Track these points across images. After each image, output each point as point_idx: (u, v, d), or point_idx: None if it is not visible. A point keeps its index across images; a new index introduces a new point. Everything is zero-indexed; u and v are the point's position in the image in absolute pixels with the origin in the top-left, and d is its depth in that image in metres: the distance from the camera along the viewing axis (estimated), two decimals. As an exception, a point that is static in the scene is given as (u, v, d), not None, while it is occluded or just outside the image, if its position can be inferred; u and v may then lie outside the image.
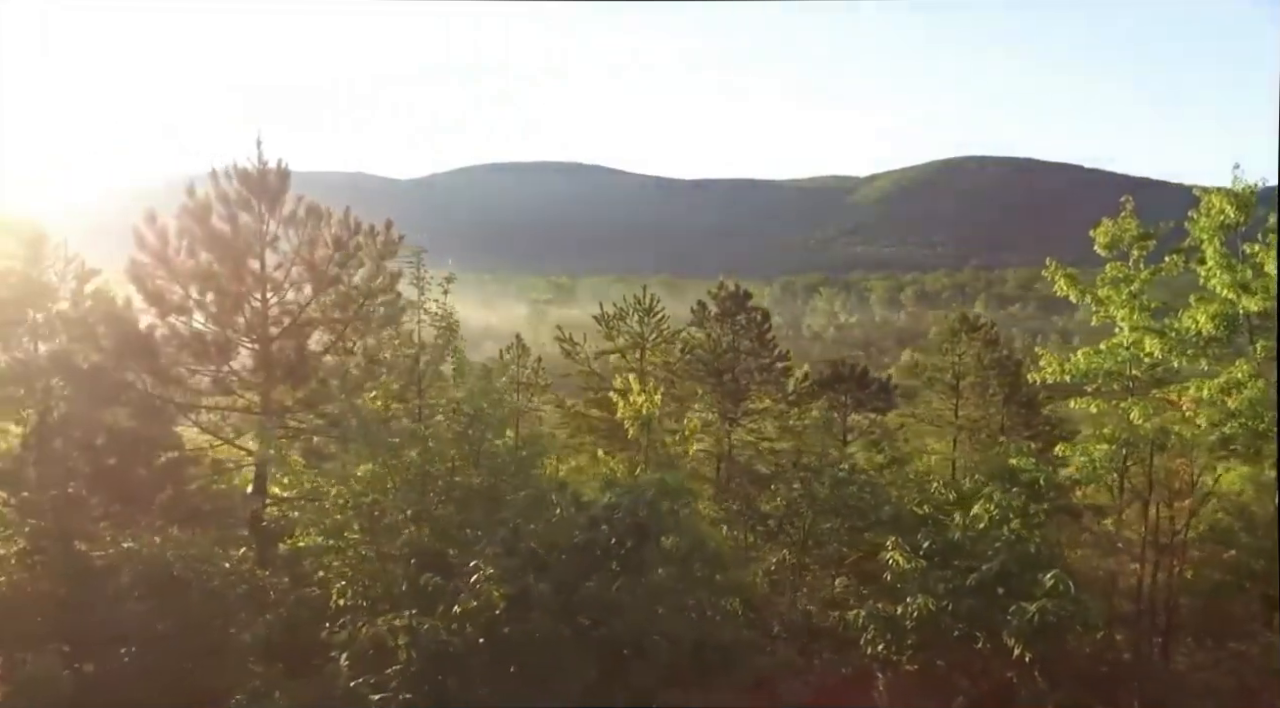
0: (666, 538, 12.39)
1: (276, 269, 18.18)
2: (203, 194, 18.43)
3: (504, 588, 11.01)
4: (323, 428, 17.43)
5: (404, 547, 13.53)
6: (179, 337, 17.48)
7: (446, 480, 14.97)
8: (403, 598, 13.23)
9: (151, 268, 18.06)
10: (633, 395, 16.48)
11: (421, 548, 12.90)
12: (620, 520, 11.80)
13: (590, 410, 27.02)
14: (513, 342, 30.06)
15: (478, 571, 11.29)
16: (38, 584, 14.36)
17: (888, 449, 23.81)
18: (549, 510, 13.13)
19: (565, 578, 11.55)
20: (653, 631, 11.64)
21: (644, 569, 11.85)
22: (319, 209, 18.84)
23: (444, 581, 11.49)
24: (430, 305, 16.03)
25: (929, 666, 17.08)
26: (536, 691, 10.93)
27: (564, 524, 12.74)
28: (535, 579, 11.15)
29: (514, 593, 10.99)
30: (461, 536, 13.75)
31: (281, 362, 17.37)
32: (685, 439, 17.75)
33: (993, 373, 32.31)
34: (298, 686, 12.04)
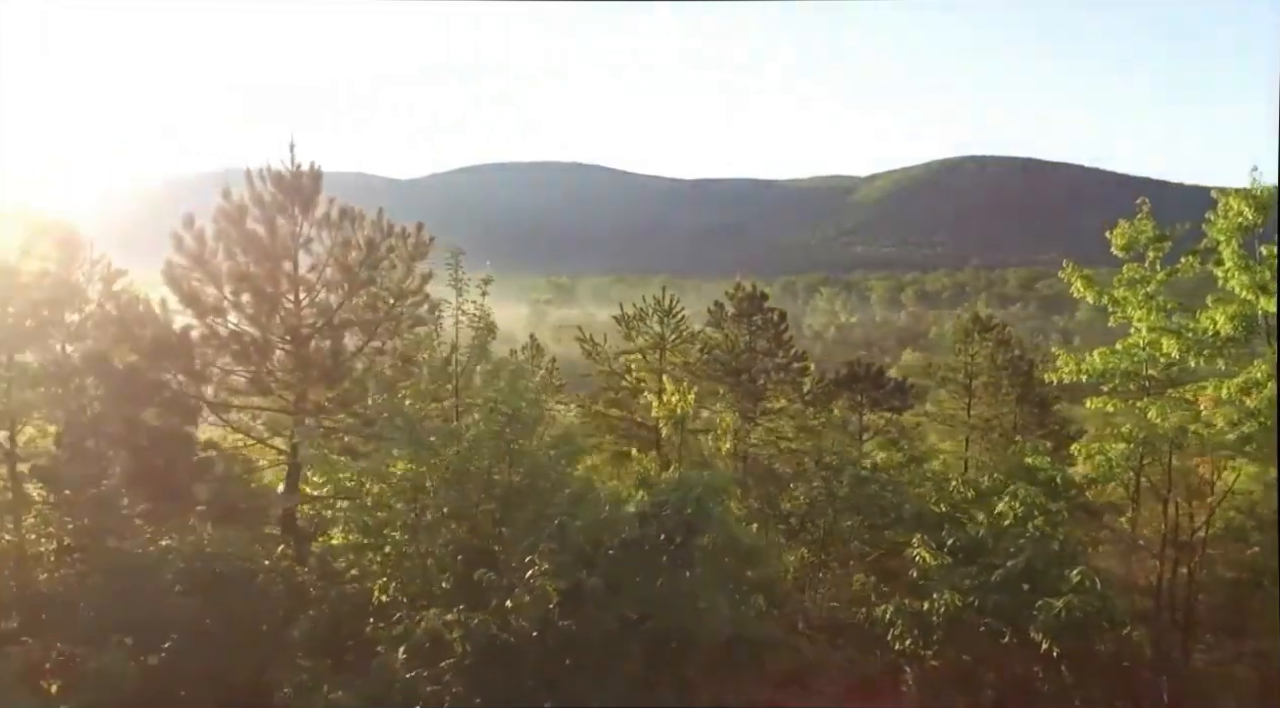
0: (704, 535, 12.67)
1: (310, 271, 18.45)
2: (237, 196, 18.72)
3: (558, 582, 11.28)
4: (356, 427, 17.69)
5: (447, 544, 13.79)
6: (217, 337, 17.75)
7: (485, 479, 15.23)
8: (448, 593, 13.53)
9: (188, 270, 18.33)
10: (666, 395, 16.76)
11: (467, 545, 13.17)
12: (669, 517, 12.10)
13: (610, 410, 27.29)
14: (526, 342, 30.42)
15: (532, 566, 11.56)
16: (85, 580, 14.62)
17: (906, 448, 24.10)
18: (594, 507, 13.39)
19: (615, 573, 11.83)
20: (695, 625, 11.91)
21: (692, 564, 12.14)
22: (351, 211, 19.12)
23: (496, 576, 11.75)
24: (468, 306, 16.29)
25: (955, 661, 17.39)
26: (588, 683, 11.20)
27: (609, 521, 13.00)
28: (587, 574, 11.42)
29: (568, 587, 11.26)
30: (504, 533, 14.01)
31: (317, 362, 17.64)
32: (718, 438, 18.00)
33: (1005, 373, 32.63)
34: (347, 679, 12.27)
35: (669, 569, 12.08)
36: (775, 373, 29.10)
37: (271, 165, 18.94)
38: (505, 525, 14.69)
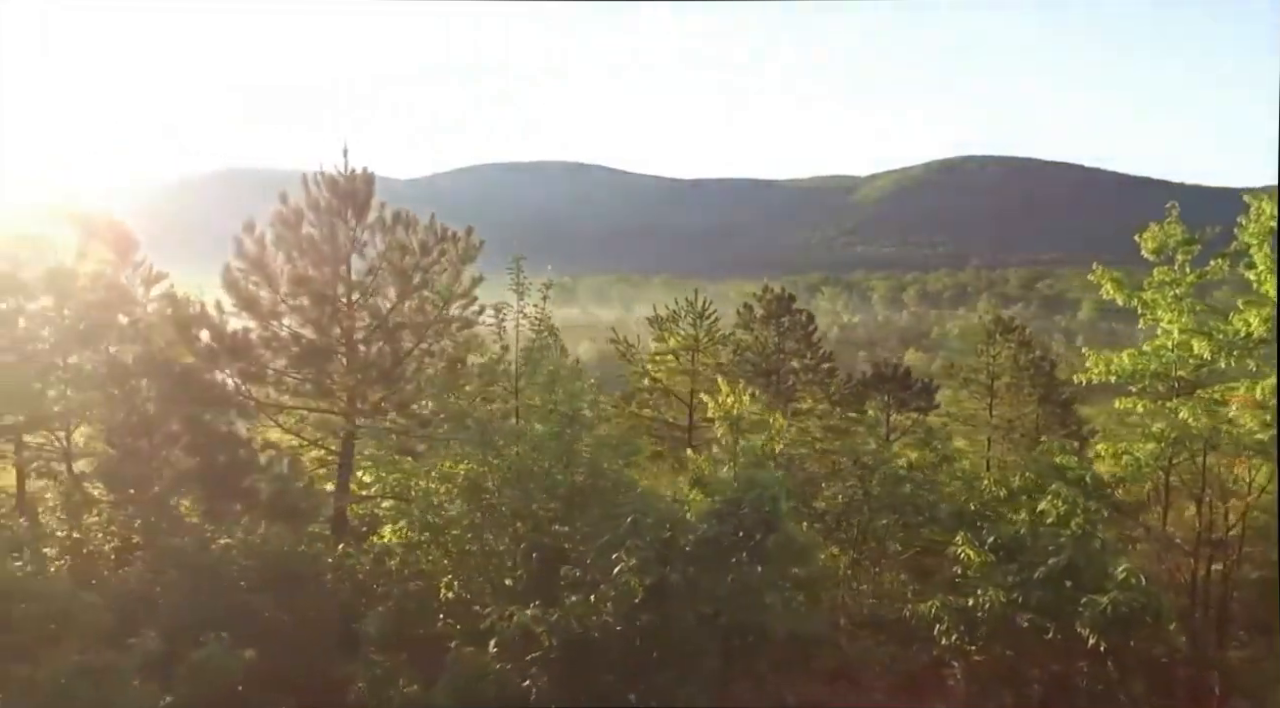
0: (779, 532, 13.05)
1: (367, 274, 18.81)
2: (293, 201, 19.10)
3: (643, 578, 11.66)
4: (412, 428, 18.07)
5: (517, 542, 14.19)
6: (277, 339, 18.10)
7: (547, 478, 15.62)
8: (518, 589, 13.93)
9: (246, 272, 18.69)
10: (721, 396, 17.16)
11: (539, 542, 13.55)
12: (747, 515, 12.48)
13: (642, 411, 27.70)
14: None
15: (619, 562, 11.94)
16: (160, 577, 14.97)
17: (939, 447, 24.44)
18: (665, 506, 13.77)
19: (692, 569, 12.21)
20: (765, 621, 12.30)
21: (766, 561, 12.52)
22: (404, 215, 19.49)
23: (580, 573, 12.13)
24: (529, 309, 16.68)
25: (999, 657, 17.74)
26: (671, 678, 11.58)
27: (679, 518, 13.39)
28: (669, 570, 11.80)
29: (652, 583, 11.63)
30: (573, 530, 14.41)
31: (376, 364, 18.02)
32: (771, 438, 18.39)
33: (1028, 373, 33.06)
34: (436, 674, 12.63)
35: (740, 566, 12.45)
36: (804, 374, 29.54)
37: (325, 170, 19.33)
38: (570, 524, 15.09)
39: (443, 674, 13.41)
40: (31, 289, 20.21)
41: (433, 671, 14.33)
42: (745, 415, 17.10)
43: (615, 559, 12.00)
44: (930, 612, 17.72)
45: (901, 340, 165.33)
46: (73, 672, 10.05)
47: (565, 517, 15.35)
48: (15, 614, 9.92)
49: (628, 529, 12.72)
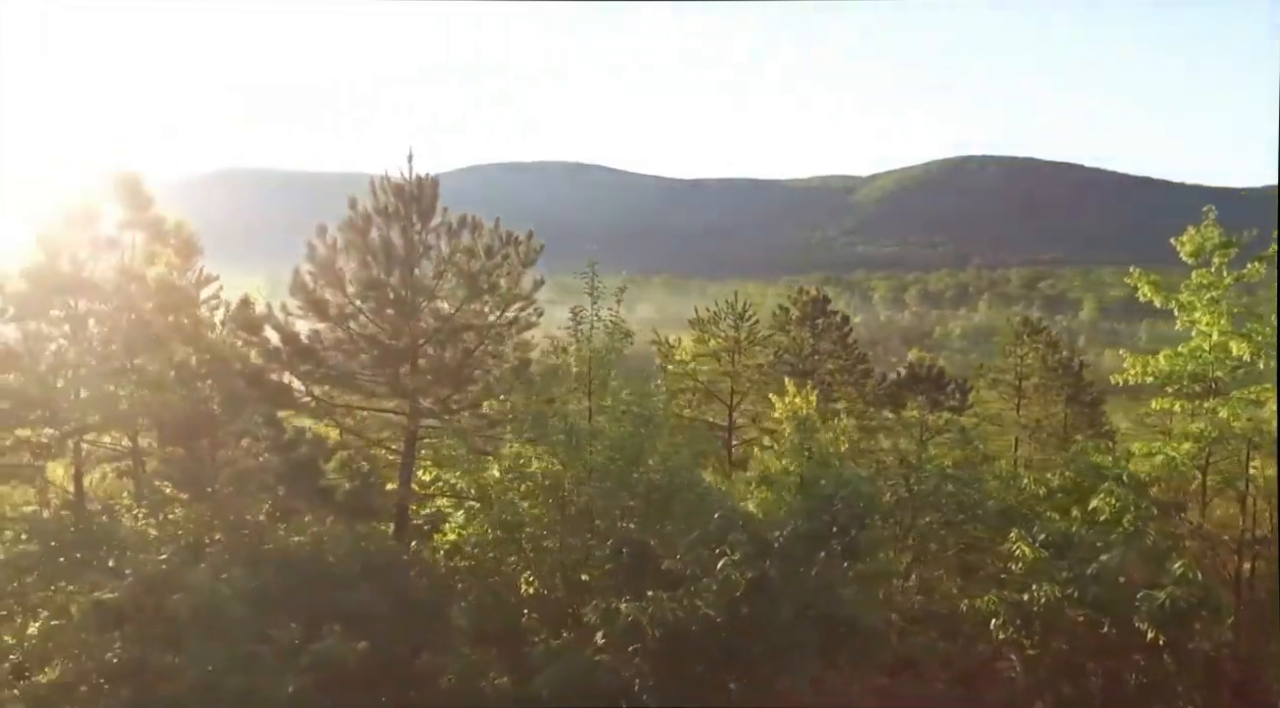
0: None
1: (436, 277, 19.26)
2: (362, 205, 19.56)
3: (745, 571, 12.13)
4: (482, 427, 18.52)
5: (599, 539, 14.69)
6: (351, 341, 18.55)
7: (622, 476, 16.11)
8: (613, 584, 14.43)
9: (315, 275, 19.14)
10: (789, 396, 17.65)
11: (628, 538, 14.02)
12: (841, 511, 12.96)
13: (683, 411, 28.13)
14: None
15: (723, 556, 12.42)
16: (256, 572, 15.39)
17: (981, 447, 24.95)
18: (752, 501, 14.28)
19: (790, 562, 12.69)
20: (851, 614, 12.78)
21: (858, 556, 13.01)
22: (468, 219, 19.97)
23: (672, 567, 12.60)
24: (603, 312, 17.14)
25: (1055, 651, 18.22)
26: (769, 669, 12.06)
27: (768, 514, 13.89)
28: (769, 564, 12.27)
29: (753, 576, 12.10)
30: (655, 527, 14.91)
31: (445, 365, 18.47)
32: (836, 438, 18.88)
33: (1056, 374, 33.57)
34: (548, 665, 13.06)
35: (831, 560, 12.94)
36: (840, 374, 30.03)
37: (391, 176, 19.81)
38: (649, 521, 15.59)
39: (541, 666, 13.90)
40: (104, 291, 20.59)
41: (519, 664, 14.84)
42: (812, 415, 17.56)
43: (719, 553, 12.47)
44: (986, 607, 18.22)
45: (904, 340, 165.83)
46: (222, 661, 10.50)
47: (644, 514, 15.85)
48: (166, 605, 10.35)
49: (719, 525, 13.18)
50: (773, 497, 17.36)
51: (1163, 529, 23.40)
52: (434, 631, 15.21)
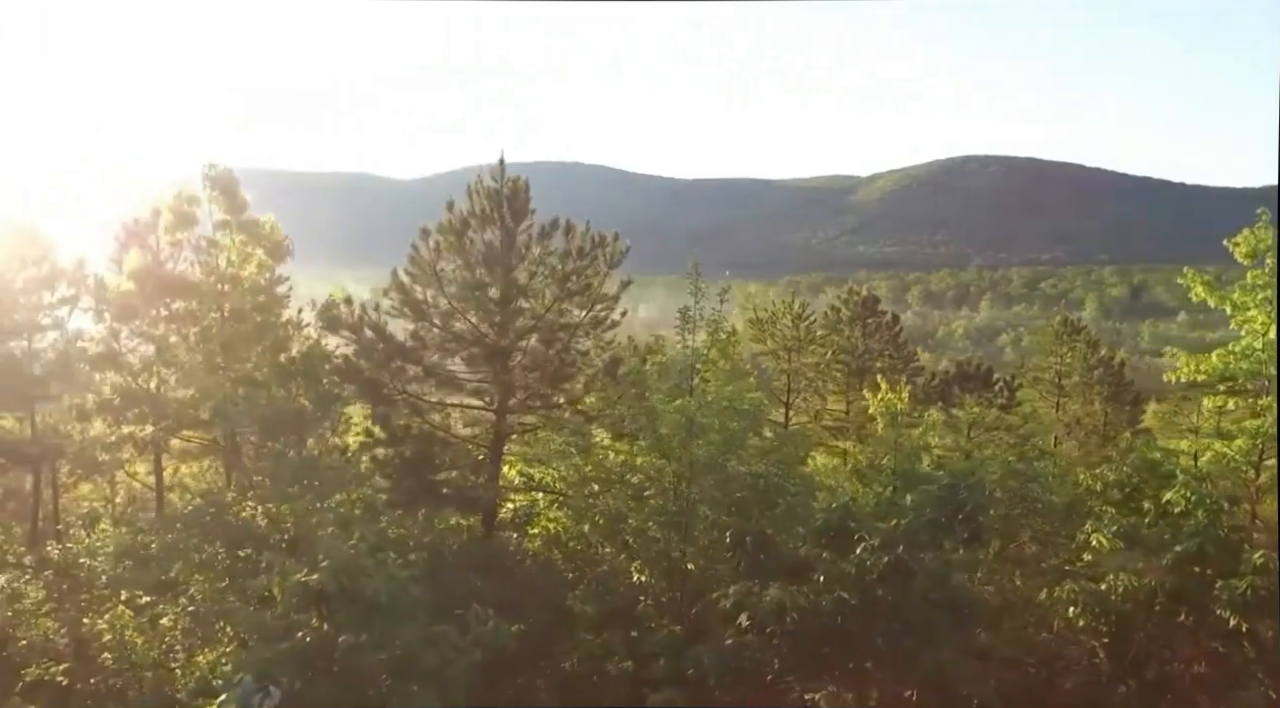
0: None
1: (530, 278, 19.91)
2: (458, 210, 20.21)
3: (880, 556, 12.80)
4: (579, 424, 19.15)
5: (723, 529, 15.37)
6: (456, 340, 19.21)
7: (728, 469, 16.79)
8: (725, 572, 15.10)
9: (416, 277, 19.80)
10: (882, 392, 18.30)
11: (747, 529, 14.67)
12: (966, 498, 13.65)
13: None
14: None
15: (861, 541, 13.10)
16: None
17: (1039, 443, 25.63)
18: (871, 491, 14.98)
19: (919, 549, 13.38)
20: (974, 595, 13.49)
21: (982, 541, 13.71)
22: (560, 222, 20.61)
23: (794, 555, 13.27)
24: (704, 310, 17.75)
25: (1134, 639, 18.89)
26: (904, 649, 12.75)
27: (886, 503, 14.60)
28: (902, 550, 12.94)
29: (889, 560, 12.78)
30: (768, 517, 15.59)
31: (550, 362, 19.13)
32: (924, 433, 19.56)
33: (1097, 372, 34.30)
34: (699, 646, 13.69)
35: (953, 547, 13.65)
36: (891, 374, 30.68)
37: (484, 179, 20.46)
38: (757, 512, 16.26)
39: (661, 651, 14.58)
40: (201, 290, 21.27)
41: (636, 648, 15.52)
42: (904, 411, 18.23)
43: (857, 539, 13.15)
44: (1066, 596, 18.90)
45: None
46: (418, 641, 11.16)
47: (750, 506, 16.52)
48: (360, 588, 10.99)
49: (837, 516, 13.86)
50: (865, 489, 18.02)
51: (1229, 522, 24.17)
52: (556, 617, 15.84)
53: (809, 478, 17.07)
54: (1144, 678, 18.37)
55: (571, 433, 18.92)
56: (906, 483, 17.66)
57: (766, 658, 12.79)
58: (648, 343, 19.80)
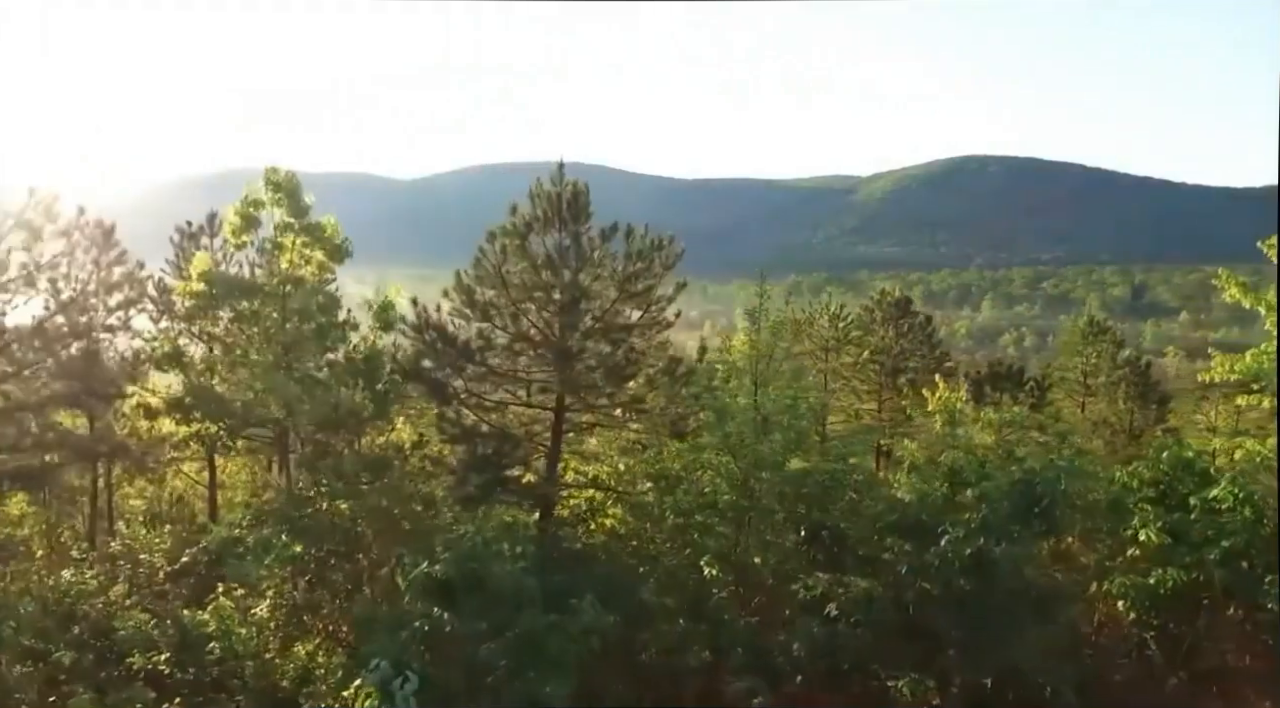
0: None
1: (592, 280, 20.38)
2: (520, 213, 20.70)
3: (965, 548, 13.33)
4: (642, 421, 19.64)
5: (798, 523, 15.90)
6: (525, 339, 19.69)
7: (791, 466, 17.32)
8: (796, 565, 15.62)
9: (480, 280, 20.27)
10: (940, 391, 18.85)
11: (821, 523, 15.22)
12: (1043, 491, 14.18)
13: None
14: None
15: (945, 533, 13.63)
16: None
17: (1077, 442, 26.09)
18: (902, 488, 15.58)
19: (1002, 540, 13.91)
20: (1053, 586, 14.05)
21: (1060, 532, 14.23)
22: (620, 225, 21.08)
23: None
24: (771, 313, 18.32)
25: (1183, 632, 19.41)
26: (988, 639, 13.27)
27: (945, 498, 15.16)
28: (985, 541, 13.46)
29: (972, 552, 13.31)
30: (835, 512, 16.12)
31: (616, 362, 19.60)
32: (982, 431, 20.08)
33: (1123, 372, 34.84)
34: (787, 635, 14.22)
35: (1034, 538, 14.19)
36: (924, 374, 31.25)
37: (544, 185, 20.95)
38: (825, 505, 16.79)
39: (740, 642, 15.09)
40: (269, 293, 21.73)
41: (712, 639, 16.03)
42: (961, 409, 18.76)
43: (940, 532, 13.68)
44: (1116, 589, 19.42)
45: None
46: (540, 628, 11.66)
47: (815, 501, 17.05)
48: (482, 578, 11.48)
49: (916, 507, 14.37)
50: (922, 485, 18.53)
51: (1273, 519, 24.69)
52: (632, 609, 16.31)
53: (872, 473, 17.58)
54: (1195, 670, 18.88)
55: (645, 431, 19.46)
56: (963, 480, 18.21)
57: (853, 647, 13.30)
58: (719, 343, 20.23)
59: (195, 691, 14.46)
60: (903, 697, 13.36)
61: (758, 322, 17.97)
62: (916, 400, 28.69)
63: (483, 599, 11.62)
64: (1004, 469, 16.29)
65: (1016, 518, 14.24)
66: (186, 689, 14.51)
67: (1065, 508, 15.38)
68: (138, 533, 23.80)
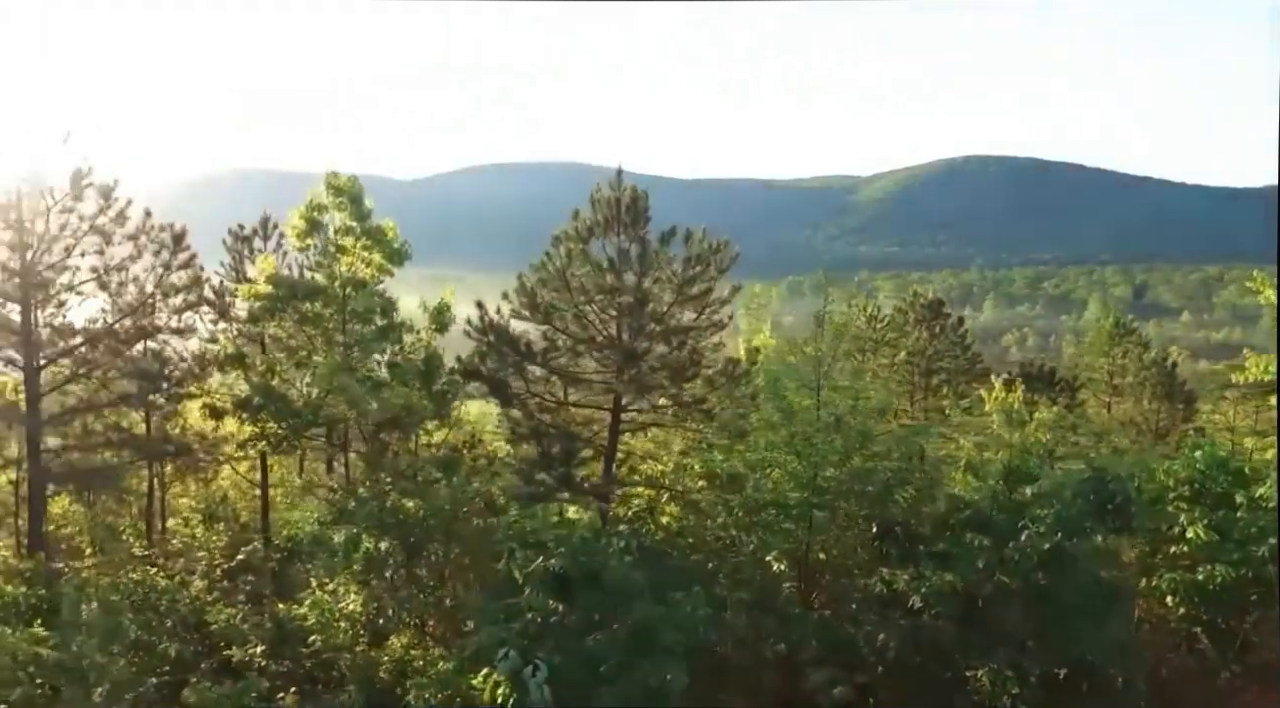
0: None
1: (653, 283, 20.84)
2: (582, 218, 21.19)
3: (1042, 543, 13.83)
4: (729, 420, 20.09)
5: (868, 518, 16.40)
6: (593, 341, 20.17)
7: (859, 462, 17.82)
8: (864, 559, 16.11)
9: (544, 282, 20.75)
10: (996, 392, 19.36)
11: (886, 519, 15.72)
12: (1116, 489, 14.69)
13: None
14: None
15: (1026, 529, 14.13)
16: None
17: (1114, 441, 26.67)
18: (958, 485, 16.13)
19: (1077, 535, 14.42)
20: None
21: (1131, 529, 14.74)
22: (679, 228, 21.56)
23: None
24: (836, 316, 18.80)
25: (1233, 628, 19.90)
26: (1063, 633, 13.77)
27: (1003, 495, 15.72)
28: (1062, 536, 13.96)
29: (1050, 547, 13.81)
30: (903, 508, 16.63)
31: (680, 363, 20.07)
32: (1036, 430, 20.59)
33: (1150, 372, 35.35)
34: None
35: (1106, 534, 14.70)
36: (957, 375, 31.78)
37: (604, 191, 21.45)
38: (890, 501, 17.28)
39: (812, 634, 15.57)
40: (332, 296, 22.19)
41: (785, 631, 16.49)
42: (1019, 409, 19.27)
43: (1021, 527, 14.17)
44: (1166, 585, 19.91)
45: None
46: (658, 616, 12.15)
47: (886, 497, 17.54)
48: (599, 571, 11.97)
49: (988, 503, 14.87)
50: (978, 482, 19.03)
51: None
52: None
53: (935, 469, 18.07)
54: (1246, 665, 19.36)
55: (704, 430, 19.97)
56: (1019, 477, 18.71)
57: (936, 638, 13.80)
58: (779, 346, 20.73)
59: (291, 682, 14.90)
60: (983, 687, 13.84)
61: (822, 324, 18.42)
62: (955, 400, 29.27)
63: (599, 592, 12.08)
64: (1047, 467, 16.81)
65: (1091, 515, 14.71)
66: (281, 681, 14.95)
67: (1139, 505, 15.82)
68: (195, 531, 24.25)
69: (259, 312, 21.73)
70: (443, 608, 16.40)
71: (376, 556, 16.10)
